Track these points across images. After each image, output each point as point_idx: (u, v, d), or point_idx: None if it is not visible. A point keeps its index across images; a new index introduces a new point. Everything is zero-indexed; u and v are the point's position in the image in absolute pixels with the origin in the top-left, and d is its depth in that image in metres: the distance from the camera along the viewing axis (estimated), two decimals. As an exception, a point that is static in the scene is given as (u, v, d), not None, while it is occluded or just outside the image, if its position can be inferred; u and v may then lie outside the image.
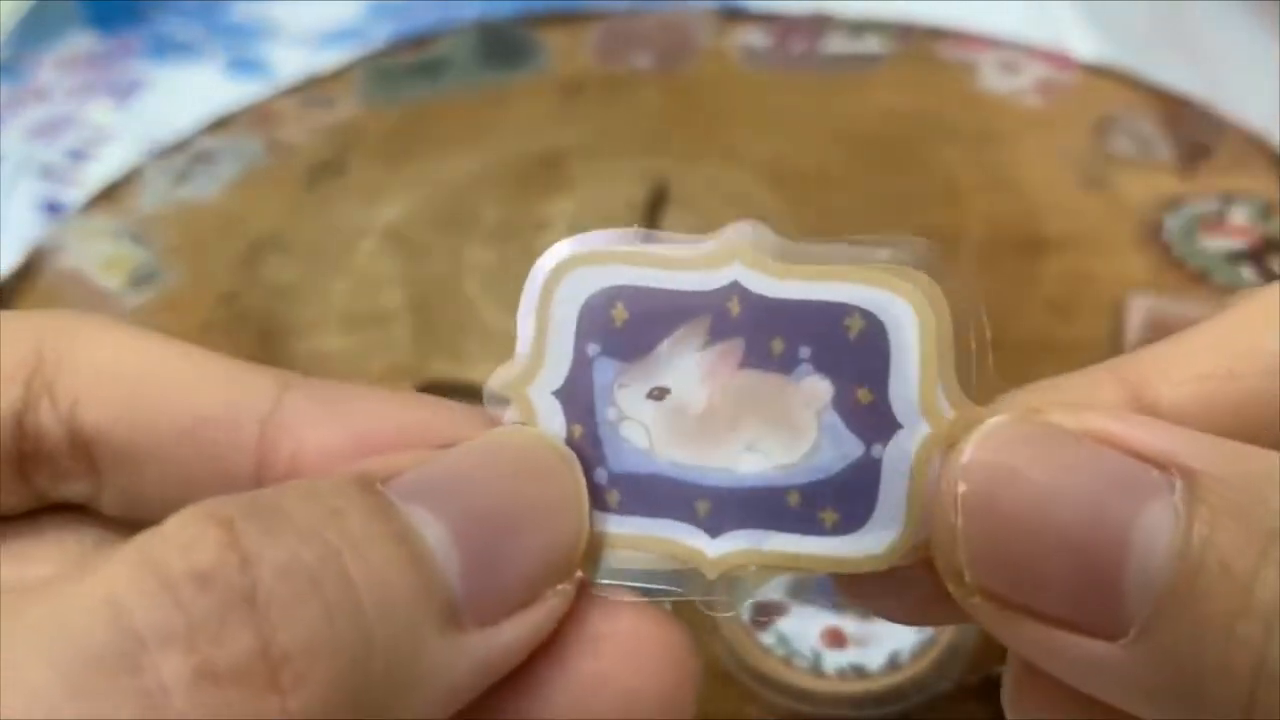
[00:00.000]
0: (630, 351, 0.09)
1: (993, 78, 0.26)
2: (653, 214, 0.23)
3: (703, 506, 0.09)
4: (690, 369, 0.09)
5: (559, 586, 0.08)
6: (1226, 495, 0.07)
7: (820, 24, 0.29)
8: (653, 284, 0.09)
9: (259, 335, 0.21)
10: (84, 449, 0.09)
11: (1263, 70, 0.25)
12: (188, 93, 0.33)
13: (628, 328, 0.09)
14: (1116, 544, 0.07)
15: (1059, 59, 0.27)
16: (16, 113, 0.32)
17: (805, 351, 0.09)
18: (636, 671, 0.09)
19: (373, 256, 0.23)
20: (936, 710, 0.14)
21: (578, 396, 0.09)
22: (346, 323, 0.21)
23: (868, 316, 0.09)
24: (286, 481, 0.08)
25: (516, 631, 0.08)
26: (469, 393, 0.20)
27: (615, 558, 0.09)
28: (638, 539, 0.09)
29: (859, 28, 0.28)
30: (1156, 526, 0.07)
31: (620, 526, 0.09)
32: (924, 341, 0.09)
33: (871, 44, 0.28)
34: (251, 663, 0.07)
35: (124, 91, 0.34)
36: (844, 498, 0.09)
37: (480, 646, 0.08)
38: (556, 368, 0.09)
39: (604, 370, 0.09)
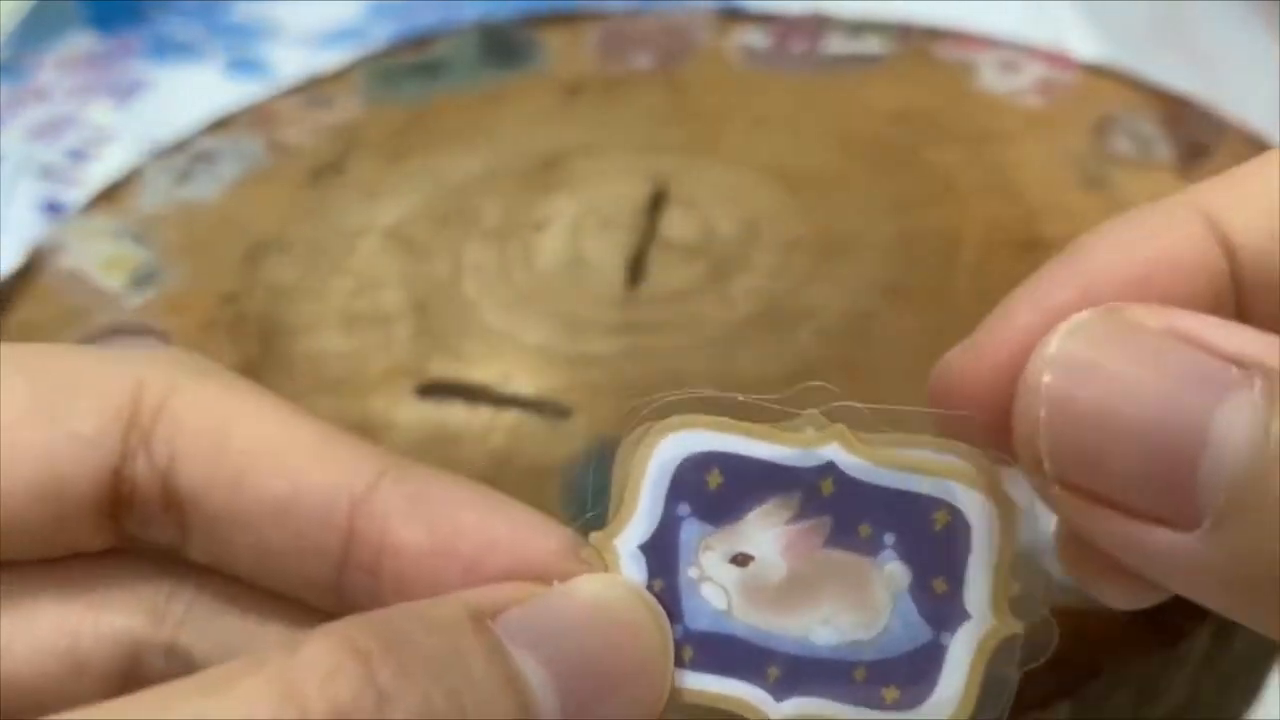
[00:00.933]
0: (719, 516, 0.10)
1: (992, 78, 0.26)
2: (653, 214, 0.23)
3: (773, 672, 0.10)
4: (776, 540, 0.10)
5: None
6: None
7: (820, 24, 0.29)
8: (751, 454, 0.10)
9: (260, 335, 0.21)
10: (176, 504, 0.09)
11: (1262, 70, 0.25)
12: (188, 93, 0.33)
13: (720, 493, 0.10)
14: (1194, 435, 0.08)
15: (1058, 59, 0.27)
16: (17, 113, 0.32)
17: (890, 538, 0.09)
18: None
19: (373, 256, 0.23)
20: None
21: (662, 553, 0.10)
22: (347, 322, 0.21)
23: (955, 514, 0.09)
24: (407, 605, 0.08)
25: None
26: (469, 392, 0.20)
27: (681, 709, 0.10)
28: (707, 695, 0.10)
29: (858, 28, 0.29)
30: (1234, 420, 0.08)
31: (691, 681, 0.10)
32: (1003, 545, 0.09)
33: (871, 44, 0.28)
34: None
35: (124, 92, 0.34)
36: (907, 678, 0.09)
37: None
38: (645, 523, 0.10)
39: (690, 530, 0.10)
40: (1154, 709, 0.16)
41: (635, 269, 0.22)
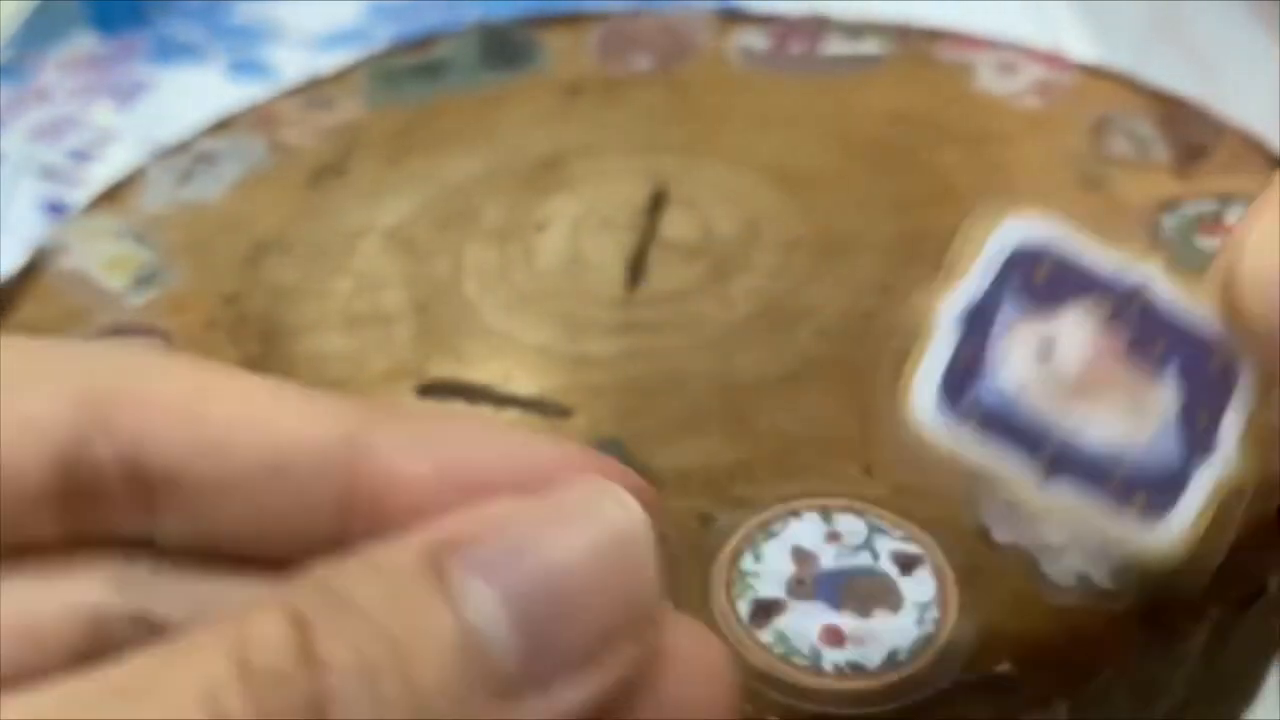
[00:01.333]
0: (1037, 305, 0.11)
1: (990, 79, 0.26)
2: (653, 214, 0.23)
3: (1044, 456, 0.11)
4: (1080, 340, 0.11)
5: (627, 647, 0.08)
6: None
7: (819, 26, 0.29)
8: (1079, 257, 0.11)
9: (261, 335, 0.21)
10: (144, 486, 0.09)
11: (1261, 71, 0.25)
12: (190, 94, 0.33)
13: (1044, 285, 0.11)
14: None
15: (1056, 60, 0.27)
16: (19, 114, 0.33)
17: (1173, 365, 0.11)
18: (691, 688, 0.09)
19: (374, 257, 0.23)
20: (934, 708, 0.14)
21: (978, 323, 0.11)
22: (348, 323, 0.21)
23: (1230, 363, 0.11)
24: (358, 553, 0.08)
25: (575, 694, 0.08)
26: (470, 392, 0.20)
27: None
28: (983, 462, 0.11)
29: (858, 29, 0.29)
30: None
31: (969, 447, 0.11)
32: (1257, 405, 0.11)
33: (870, 45, 0.28)
34: None
35: (126, 93, 0.34)
36: (1153, 494, 0.11)
37: (537, 711, 0.08)
38: (972, 291, 0.11)
39: (1009, 311, 0.11)
40: (1152, 708, 0.16)
41: (635, 269, 0.22)
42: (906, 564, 0.15)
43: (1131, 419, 0.11)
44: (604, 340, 0.20)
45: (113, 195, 0.26)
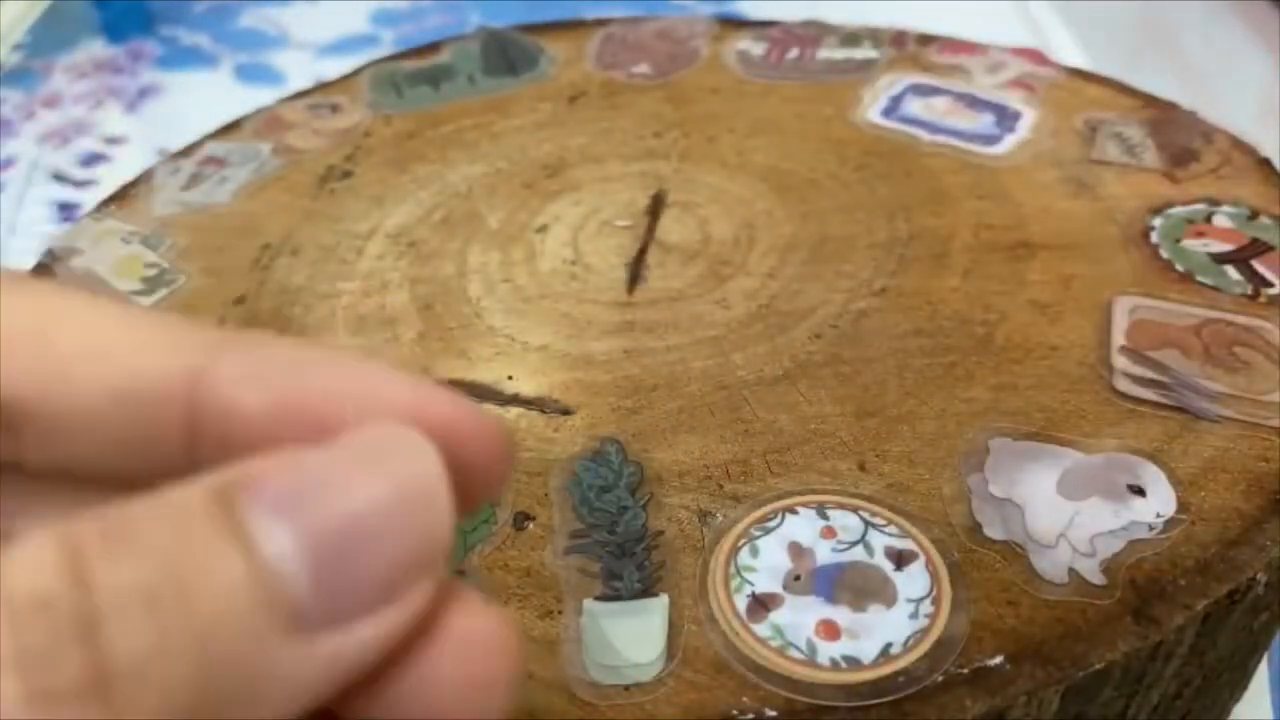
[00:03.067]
0: None
1: (982, 83, 0.27)
2: (652, 218, 0.23)
3: None
4: None
5: (418, 585, 0.08)
6: None
7: (815, 31, 0.29)
8: None
9: (269, 336, 0.21)
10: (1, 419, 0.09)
11: (1249, 76, 0.26)
12: (198, 99, 0.34)
13: None
14: None
15: (1047, 65, 0.27)
16: (30, 119, 0.33)
17: None
18: (468, 668, 0.09)
19: (380, 259, 0.23)
20: (928, 700, 0.14)
21: None
22: (354, 324, 0.21)
23: None
24: (153, 494, 0.08)
25: (370, 631, 0.08)
26: (474, 392, 0.21)
27: None
28: None
29: (853, 35, 0.29)
30: None
31: None
32: None
33: (866, 51, 0.28)
34: (84, 685, 0.07)
35: (136, 98, 0.35)
36: None
37: (329, 648, 0.08)
38: None
39: None
40: (1142, 701, 0.16)
41: (635, 271, 0.22)
42: (900, 559, 0.15)
43: None
44: (604, 340, 0.20)
45: (122, 198, 0.26)
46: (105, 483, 0.09)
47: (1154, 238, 0.21)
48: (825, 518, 0.16)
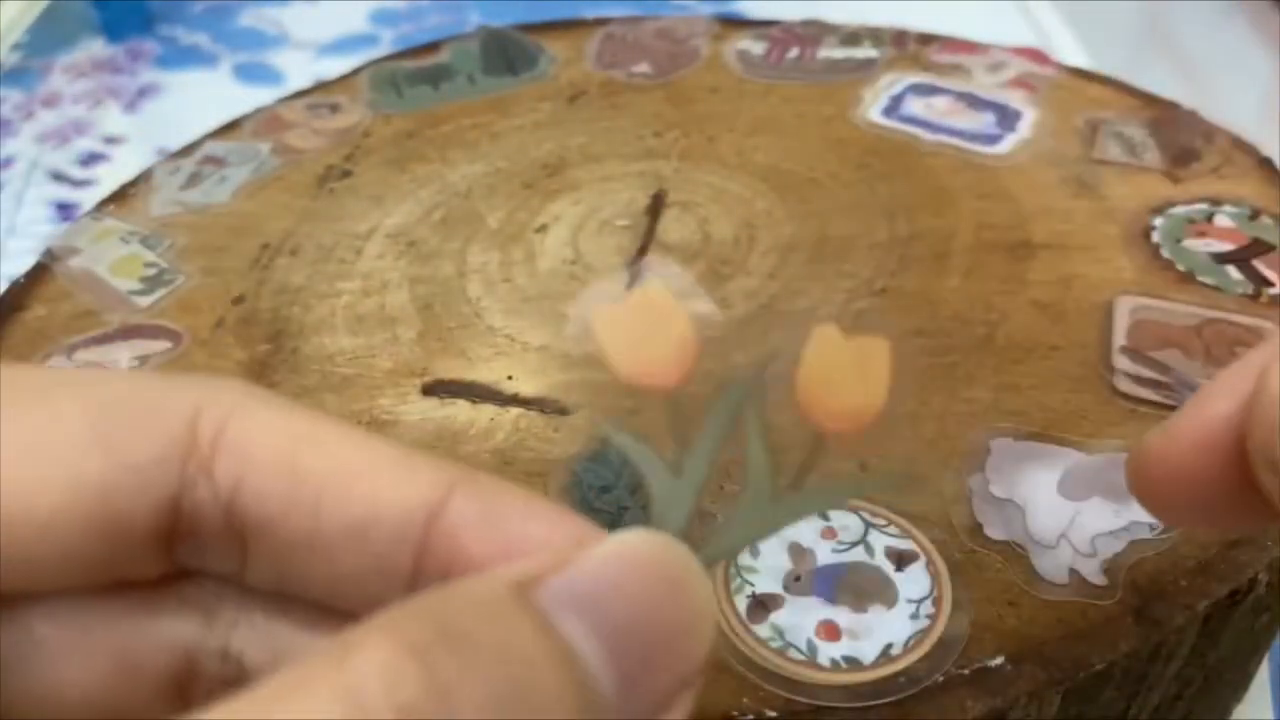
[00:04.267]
0: None
1: (983, 82, 0.27)
2: (652, 218, 0.23)
3: None
4: None
5: (690, 692, 0.09)
6: None
7: (816, 31, 0.29)
8: None
9: (269, 335, 0.21)
10: (238, 532, 0.09)
11: (1250, 76, 0.26)
12: (197, 98, 0.34)
13: None
14: None
15: (1048, 65, 0.27)
16: (28, 118, 0.33)
17: None
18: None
19: (379, 258, 0.23)
20: (929, 701, 0.14)
21: None
22: (354, 323, 0.21)
23: None
24: (449, 588, 0.08)
25: None
26: (473, 391, 0.21)
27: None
28: None
29: (854, 34, 0.29)
30: None
31: None
32: None
33: (866, 50, 0.28)
34: None
35: (135, 97, 0.35)
36: None
37: None
38: None
39: None
40: (1143, 702, 0.16)
41: (635, 270, 0.22)
42: (901, 559, 0.15)
43: None
44: (604, 340, 0.20)
45: (121, 198, 0.26)
46: (315, 604, 0.10)
47: (1155, 237, 0.21)
48: (826, 518, 0.16)
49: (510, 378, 0.19)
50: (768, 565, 0.15)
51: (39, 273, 0.24)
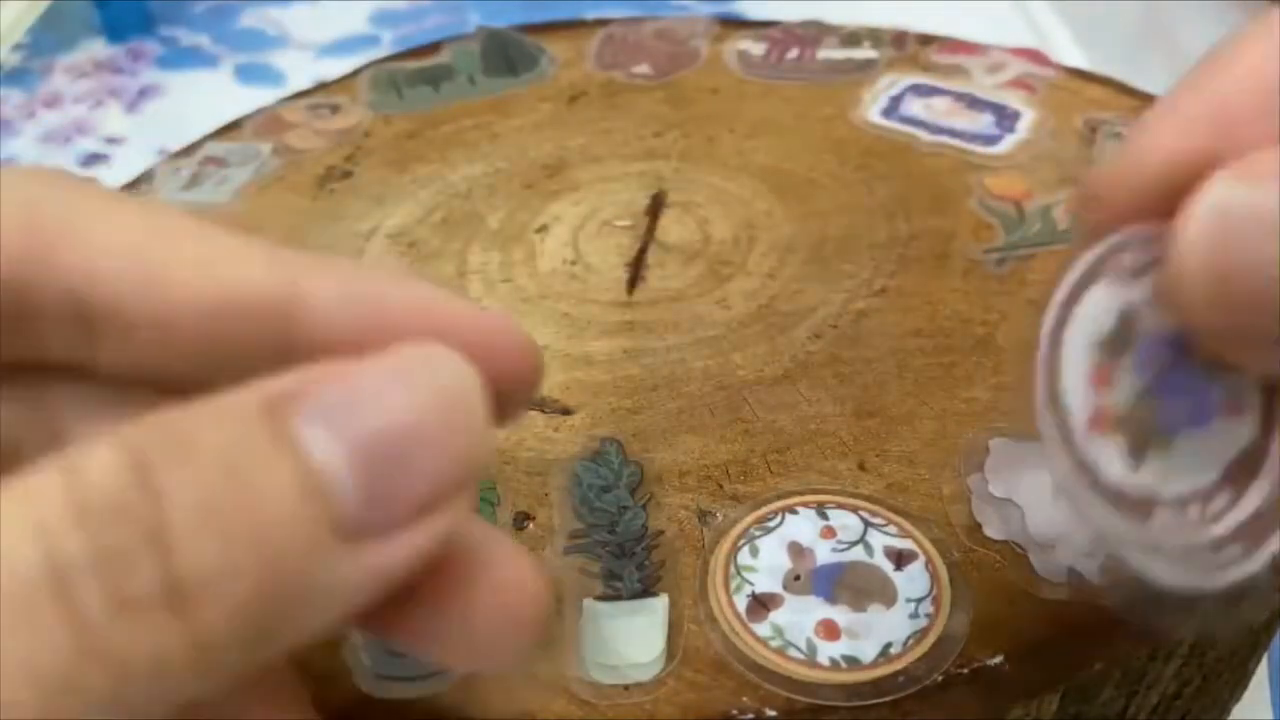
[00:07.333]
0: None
1: (983, 83, 0.27)
2: (652, 218, 0.23)
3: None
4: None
5: (458, 496, 0.09)
6: None
7: (815, 31, 0.29)
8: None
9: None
10: (86, 319, 0.09)
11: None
12: (198, 99, 0.34)
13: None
14: None
15: (1046, 65, 0.27)
16: (30, 118, 0.33)
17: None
18: (503, 607, 0.09)
19: (380, 258, 0.23)
20: (928, 700, 0.14)
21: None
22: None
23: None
24: (199, 402, 0.08)
25: (410, 543, 0.08)
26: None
27: None
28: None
29: (853, 35, 0.29)
30: None
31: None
32: None
33: (866, 51, 0.28)
34: (156, 592, 0.07)
35: (136, 98, 0.35)
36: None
37: (373, 558, 0.08)
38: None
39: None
40: (1142, 701, 0.16)
41: (635, 271, 0.22)
42: (900, 559, 0.15)
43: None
44: (604, 340, 0.20)
45: (122, 199, 0.26)
46: (171, 392, 0.09)
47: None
48: (825, 518, 0.16)
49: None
50: (767, 564, 0.16)
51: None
